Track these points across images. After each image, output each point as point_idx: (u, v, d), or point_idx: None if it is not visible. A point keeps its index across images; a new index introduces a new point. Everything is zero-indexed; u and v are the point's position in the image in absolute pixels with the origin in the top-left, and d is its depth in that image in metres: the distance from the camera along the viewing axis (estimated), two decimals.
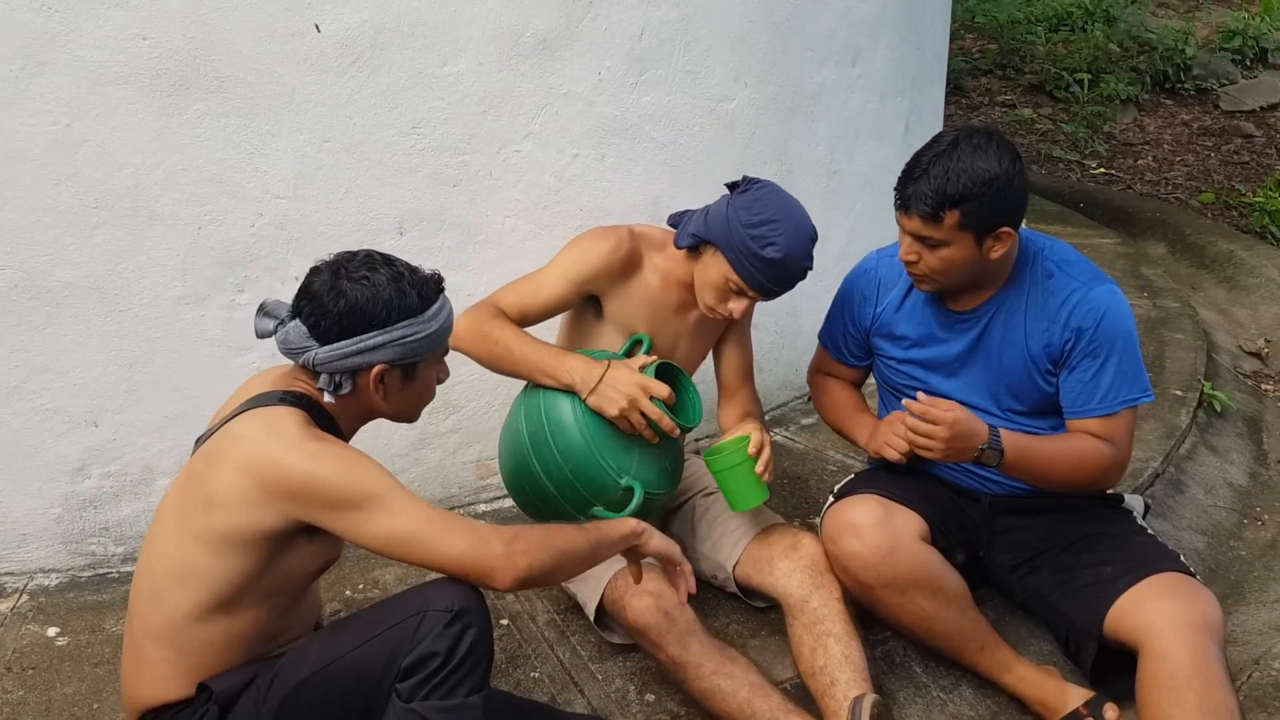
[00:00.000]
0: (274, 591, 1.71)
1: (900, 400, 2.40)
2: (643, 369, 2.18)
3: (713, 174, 3.05)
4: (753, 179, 2.24)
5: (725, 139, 3.07)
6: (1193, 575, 2.19)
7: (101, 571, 2.63)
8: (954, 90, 8.39)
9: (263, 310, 1.76)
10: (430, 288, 1.76)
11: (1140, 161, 7.43)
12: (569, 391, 2.17)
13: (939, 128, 4.32)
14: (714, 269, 2.22)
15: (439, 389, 1.89)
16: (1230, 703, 1.95)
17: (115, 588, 2.57)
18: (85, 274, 2.42)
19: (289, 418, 1.66)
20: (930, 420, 2.10)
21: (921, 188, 2.07)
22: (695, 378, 2.36)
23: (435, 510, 1.64)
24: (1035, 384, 2.25)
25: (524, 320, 2.27)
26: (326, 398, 1.71)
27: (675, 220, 2.33)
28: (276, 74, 2.44)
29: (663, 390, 2.13)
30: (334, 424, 1.77)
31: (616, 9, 2.77)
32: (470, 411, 2.88)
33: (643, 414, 2.13)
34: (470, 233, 2.72)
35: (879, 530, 2.16)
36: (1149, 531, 2.38)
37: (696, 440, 2.98)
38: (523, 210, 2.77)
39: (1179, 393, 3.47)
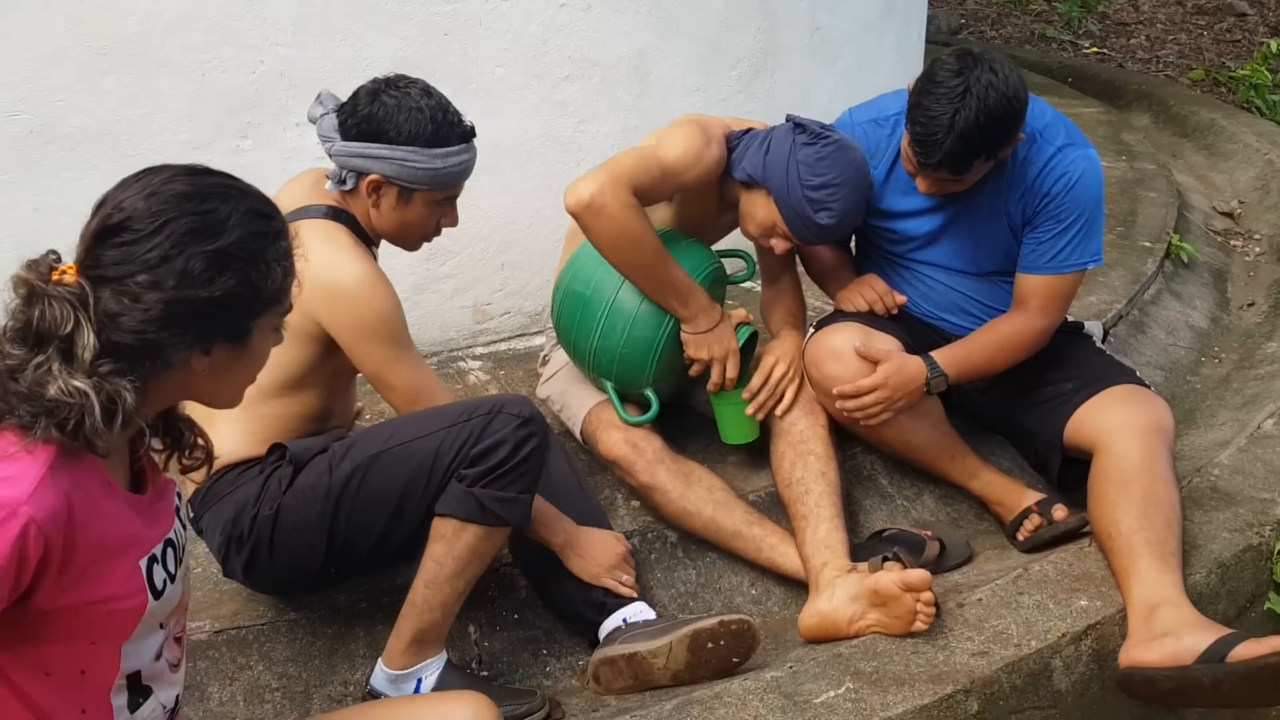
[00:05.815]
0: (329, 376, 1.94)
1: (876, 256, 2.52)
2: (739, 326, 2.30)
3: (697, 27, 3.14)
4: (822, 130, 2.20)
5: None
6: (1147, 387, 2.35)
7: None
8: None
9: (318, 99, 1.91)
10: (450, 131, 1.88)
11: (1133, 40, 7.42)
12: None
13: None
14: (763, 210, 2.24)
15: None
16: (1173, 496, 2.10)
17: None
18: (96, 120, 2.52)
19: (340, 233, 1.84)
20: (865, 392, 2.22)
21: (949, 147, 2.07)
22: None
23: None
24: (1012, 247, 2.35)
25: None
26: (329, 185, 1.86)
27: (735, 140, 2.30)
28: None
29: (734, 374, 2.28)
30: (366, 237, 1.95)
31: None
32: (467, 258, 3.01)
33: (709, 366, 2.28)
34: (462, 81, 2.81)
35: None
36: (1107, 352, 2.53)
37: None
38: (512, 59, 2.87)
39: (1148, 244, 3.60)
